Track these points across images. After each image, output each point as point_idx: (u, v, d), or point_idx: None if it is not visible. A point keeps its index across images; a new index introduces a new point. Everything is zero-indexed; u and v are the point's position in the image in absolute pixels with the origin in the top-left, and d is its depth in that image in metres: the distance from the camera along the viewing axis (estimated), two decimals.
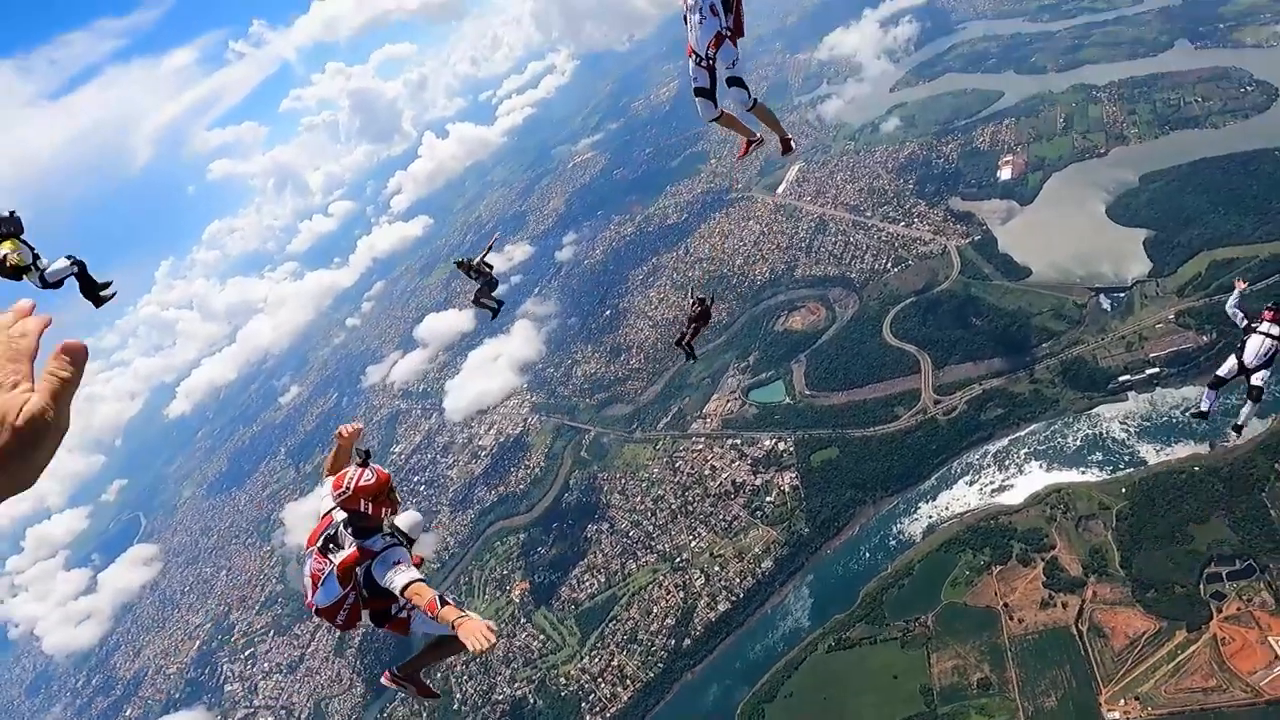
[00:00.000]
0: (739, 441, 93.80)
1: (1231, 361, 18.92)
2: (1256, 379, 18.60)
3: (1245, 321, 18.85)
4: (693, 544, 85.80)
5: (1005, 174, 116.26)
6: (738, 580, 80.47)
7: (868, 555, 78.40)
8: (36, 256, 12.86)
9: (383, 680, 10.40)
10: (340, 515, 8.62)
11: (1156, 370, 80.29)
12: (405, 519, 9.13)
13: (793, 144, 14.05)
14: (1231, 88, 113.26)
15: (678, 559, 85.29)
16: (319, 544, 8.66)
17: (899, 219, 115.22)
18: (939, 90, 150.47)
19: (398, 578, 7.95)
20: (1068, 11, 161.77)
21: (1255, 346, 18.40)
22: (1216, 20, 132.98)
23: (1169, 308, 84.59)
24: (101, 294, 13.66)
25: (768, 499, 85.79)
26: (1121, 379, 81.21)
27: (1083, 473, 75.50)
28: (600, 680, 79.68)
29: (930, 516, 78.41)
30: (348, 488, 8.32)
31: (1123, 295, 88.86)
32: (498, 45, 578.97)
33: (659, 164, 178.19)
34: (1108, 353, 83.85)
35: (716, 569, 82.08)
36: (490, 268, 32.27)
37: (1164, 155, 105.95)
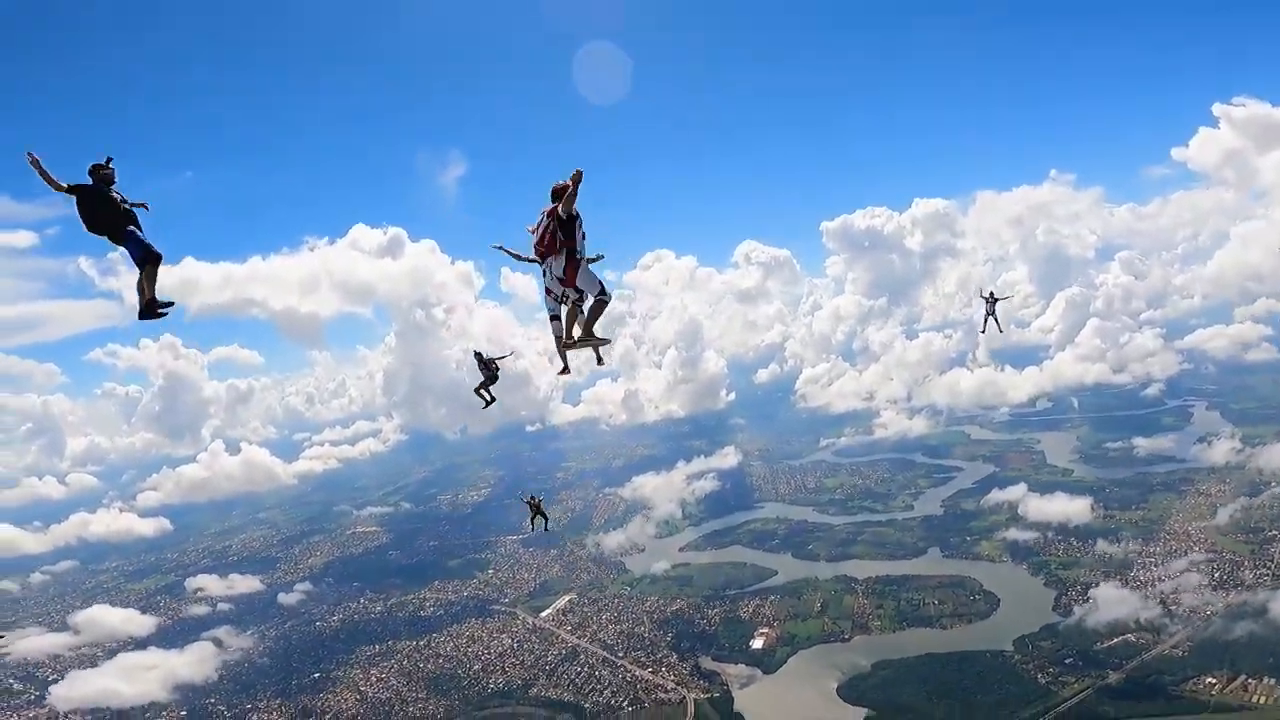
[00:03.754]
0: None
1: None
2: None
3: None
4: None
5: (758, 644, 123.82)
6: None
7: None
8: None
9: (566, 348, 17.70)
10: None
11: None
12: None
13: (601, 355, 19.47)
14: (964, 594, 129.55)
15: None
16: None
17: (648, 665, 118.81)
18: (722, 559, 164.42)
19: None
20: (850, 509, 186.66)
21: None
22: (965, 532, 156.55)
23: None
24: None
25: None
26: None
27: None
28: None
29: None
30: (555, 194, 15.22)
31: None
32: (341, 393, 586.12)
33: (438, 559, 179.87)
34: None
35: None
36: (497, 367, 36.96)
37: (897, 647, 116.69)
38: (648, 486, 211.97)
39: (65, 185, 14.05)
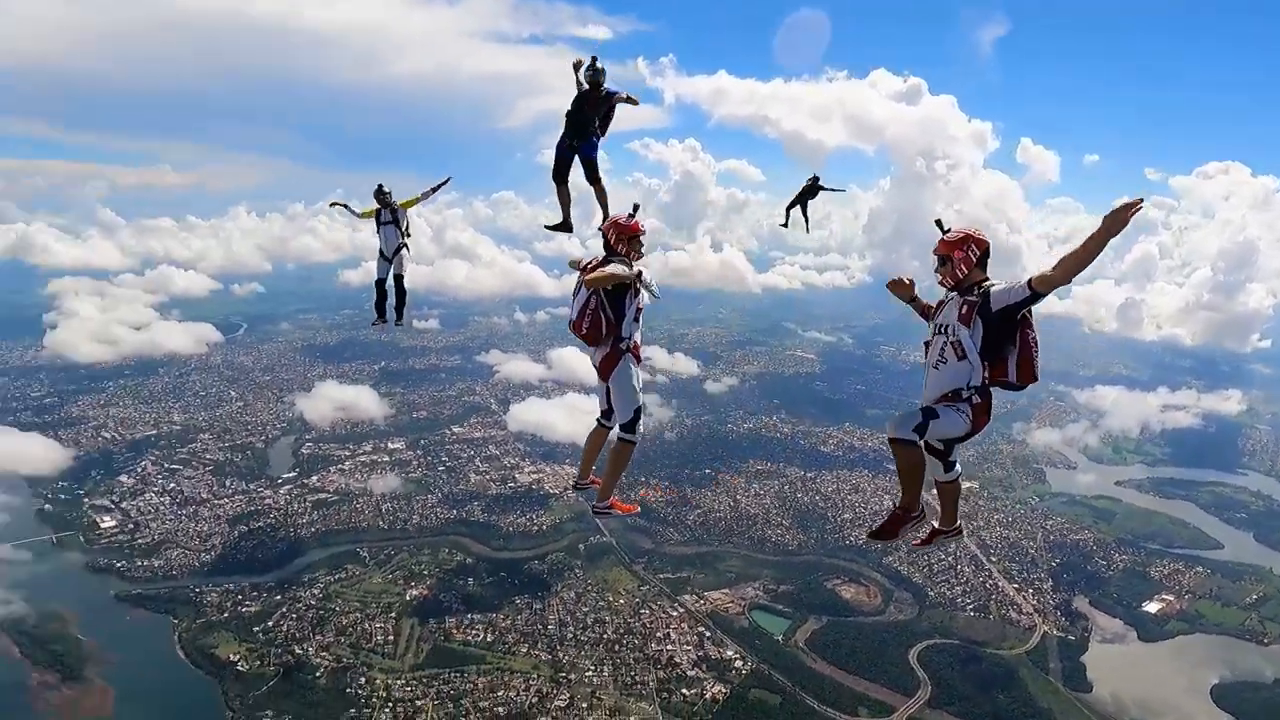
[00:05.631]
0: (709, 634, 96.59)
1: None
2: None
3: None
4: (588, 674, 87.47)
5: (1152, 608, 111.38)
6: None
7: None
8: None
9: (594, 513, 12.91)
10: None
11: None
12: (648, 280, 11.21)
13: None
14: None
15: (564, 677, 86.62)
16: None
17: (1015, 580, 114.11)
18: (1162, 509, 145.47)
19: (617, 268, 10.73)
20: None
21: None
22: None
23: None
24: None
25: (683, 690, 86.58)
26: None
27: None
28: None
29: None
30: (611, 219, 11.25)
31: None
32: (823, 225, 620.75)
33: (858, 403, 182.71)
34: None
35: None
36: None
37: None
38: (1109, 399, 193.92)
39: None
